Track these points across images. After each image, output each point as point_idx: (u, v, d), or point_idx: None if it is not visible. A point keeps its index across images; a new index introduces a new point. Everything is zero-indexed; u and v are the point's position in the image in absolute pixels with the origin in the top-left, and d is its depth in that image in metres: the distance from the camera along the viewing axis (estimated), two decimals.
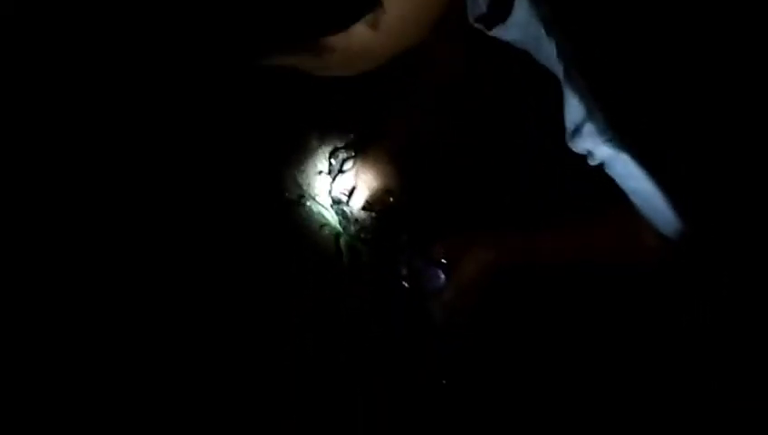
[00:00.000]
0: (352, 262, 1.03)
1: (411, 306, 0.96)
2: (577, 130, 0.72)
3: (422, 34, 0.74)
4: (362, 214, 1.05)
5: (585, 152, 0.74)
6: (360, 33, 0.69)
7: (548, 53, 0.72)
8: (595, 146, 0.72)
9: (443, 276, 0.91)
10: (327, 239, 1.04)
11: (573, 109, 0.71)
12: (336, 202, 1.06)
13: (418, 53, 0.77)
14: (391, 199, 1.05)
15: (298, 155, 1.08)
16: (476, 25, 0.79)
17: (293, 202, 1.06)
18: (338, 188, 1.05)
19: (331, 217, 1.05)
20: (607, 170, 0.74)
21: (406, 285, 0.96)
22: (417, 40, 0.75)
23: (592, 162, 0.74)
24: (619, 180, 0.74)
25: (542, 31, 0.70)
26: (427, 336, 0.97)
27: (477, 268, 0.89)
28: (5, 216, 1.00)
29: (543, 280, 0.94)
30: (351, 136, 1.09)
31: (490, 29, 0.77)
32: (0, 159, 1.01)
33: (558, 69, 0.70)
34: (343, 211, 1.05)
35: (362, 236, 1.05)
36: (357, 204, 1.05)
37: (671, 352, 0.91)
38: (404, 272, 0.96)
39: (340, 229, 1.04)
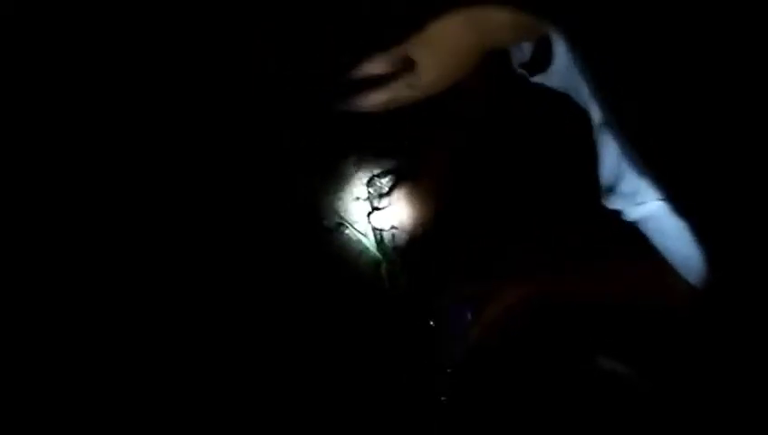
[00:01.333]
0: (392, 288, 1.05)
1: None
2: (611, 189, 0.74)
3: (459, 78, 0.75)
4: (401, 241, 1.06)
5: (619, 210, 0.75)
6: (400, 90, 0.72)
7: (588, 100, 0.73)
8: (630, 207, 0.73)
9: (469, 316, 0.90)
10: (366, 267, 1.05)
11: (609, 165, 0.72)
12: (375, 229, 1.07)
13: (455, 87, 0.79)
14: (428, 227, 1.05)
15: (336, 182, 1.08)
16: (519, 71, 0.79)
17: (332, 230, 1.07)
18: (376, 215, 1.06)
19: (370, 245, 1.06)
20: (641, 227, 0.76)
21: (431, 323, 0.95)
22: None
23: (626, 219, 0.76)
24: (653, 237, 0.76)
25: (581, 79, 0.71)
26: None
27: (504, 310, 0.89)
28: (6, 216, 1.01)
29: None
30: (389, 163, 1.09)
31: (532, 76, 0.78)
32: (1, 159, 1.03)
33: (594, 122, 0.72)
34: (382, 238, 1.07)
35: (401, 262, 1.06)
36: (395, 231, 1.06)
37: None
38: (432, 311, 0.95)
39: (380, 256, 1.06)
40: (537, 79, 0.78)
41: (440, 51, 0.72)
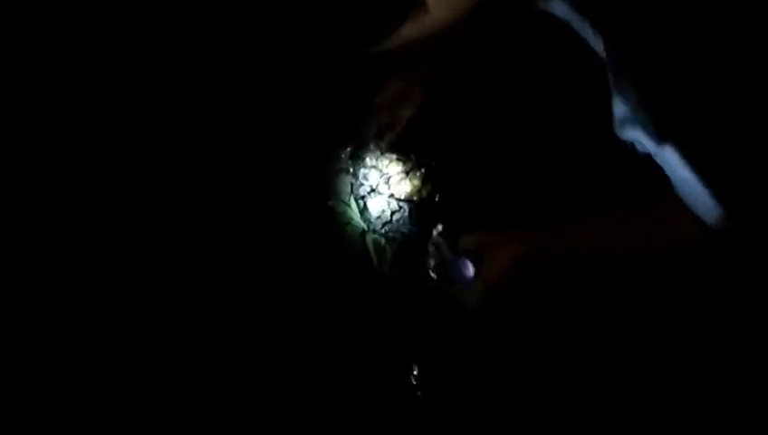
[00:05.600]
0: (379, 259, 1.01)
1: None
2: (626, 120, 0.74)
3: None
4: (386, 209, 1.02)
5: (634, 141, 0.76)
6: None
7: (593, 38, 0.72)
8: (644, 137, 0.73)
9: (472, 269, 0.89)
10: (352, 238, 1.01)
11: (624, 97, 0.71)
12: (359, 198, 1.03)
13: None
14: (417, 191, 1.01)
15: (316, 154, 1.05)
16: None
17: (316, 203, 1.03)
18: (359, 185, 1.02)
19: (355, 215, 1.02)
20: (655, 158, 0.76)
21: (433, 276, 0.94)
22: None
23: (641, 149, 0.76)
24: (667, 169, 0.76)
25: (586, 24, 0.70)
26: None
27: (508, 262, 0.88)
28: (6, 216, 1.00)
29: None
30: (369, 130, 1.04)
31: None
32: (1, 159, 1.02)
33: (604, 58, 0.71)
34: (366, 207, 1.02)
35: (387, 232, 1.01)
36: (379, 199, 1.01)
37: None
38: (432, 263, 0.94)
39: (365, 226, 1.02)
40: (540, 4, 0.76)
41: None
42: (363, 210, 1.02)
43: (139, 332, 0.96)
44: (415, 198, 1.00)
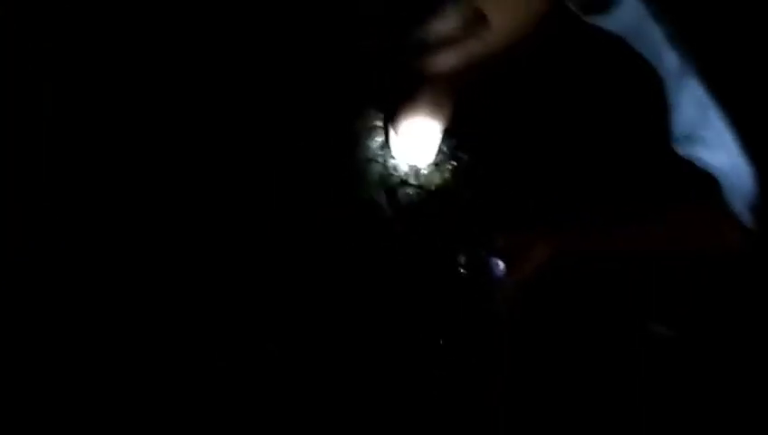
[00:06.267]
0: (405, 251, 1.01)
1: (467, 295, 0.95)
2: (689, 137, 0.74)
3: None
4: (414, 201, 1.04)
5: (693, 157, 0.77)
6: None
7: (657, 52, 0.74)
8: (709, 152, 0.74)
9: (502, 267, 0.90)
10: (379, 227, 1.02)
11: (687, 112, 0.73)
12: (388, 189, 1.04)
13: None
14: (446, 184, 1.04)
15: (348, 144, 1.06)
16: (572, 7, 0.80)
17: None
18: (388, 175, 1.04)
19: (384, 205, 1.04)
20: (718, 177, 0.77)
21: (463, 272, 0.95)
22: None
23: (700, 165, 0.77)
24: (723, 180, 0.77)
25: (657, 35, 0.72)
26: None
27: (538, 261, 0.87)
28: (6, 216, 0.97)
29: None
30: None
31: (587, 14, 0.79)
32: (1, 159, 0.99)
33: (669, 69, 0.73)
34: (395, 198, 1.04)
35: (415, 223, 1.03)
36: (408, 191, 1.04)
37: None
38: (462, 260, 0.95)
39: (392, 216, 1.03)
40: (593, 19, 0.78)
41: (513, 4, 0.72)
42: (392, 200, 1.05)
43: (139, 331, 0.95)
44: (443, 190, 1.04)
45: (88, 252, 0.97)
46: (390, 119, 1.03)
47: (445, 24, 0.75)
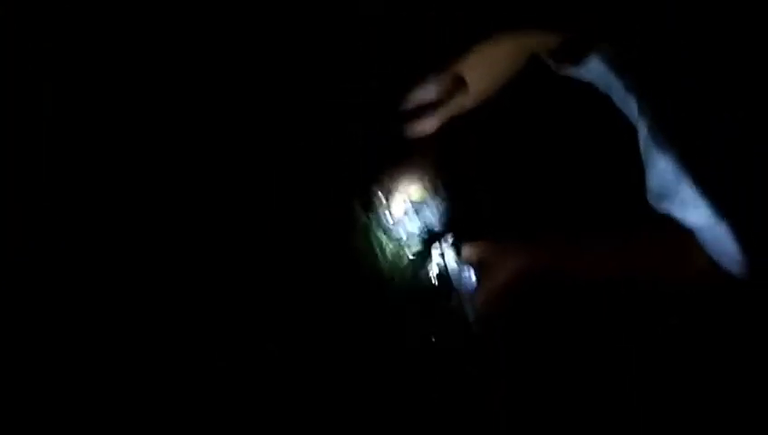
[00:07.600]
0: (383, 258, 1.03)
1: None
2: (665, 196, 0.75)
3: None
4: (399, 211, 1.05)
5: (670, 214, 0.76)
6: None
7: (625, 102, 0.76)
8: (685, 212, 0.74)
9: (474, 278, 0.89)
10: (358, 235, 1.04)
11: (661, 171, 0.74)
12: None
13: None
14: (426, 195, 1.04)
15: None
16: (547, 61, 0.84)
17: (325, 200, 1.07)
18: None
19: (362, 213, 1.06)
20: (696, 232, 0.76)
21: (435, 283, 0.94)
22: None
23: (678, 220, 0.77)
24: (708, 241, 0.76)
25: (621, 87, 0.75)
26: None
27: (510, 272, 0.86)
28: (6, 216, 0.98)
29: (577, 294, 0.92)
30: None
31: (559, 62, 0.82)
32: (1, 159, 1.00)
33: (639, 124, 0.76)
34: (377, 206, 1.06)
35: (393, 231, 1.04)
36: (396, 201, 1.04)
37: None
38: (435, 270, 0.95)
39: (371, 224, 1.05)
40: (566, 71, 0.82)
41: (491, 69, 0.77)
42: (370, 208, 1.05)
43: (139, 331, 0.96)
44: (423, 201, 1.03)
45: (88, 252, 0.99)
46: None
47: (426, 91, 0.79)
